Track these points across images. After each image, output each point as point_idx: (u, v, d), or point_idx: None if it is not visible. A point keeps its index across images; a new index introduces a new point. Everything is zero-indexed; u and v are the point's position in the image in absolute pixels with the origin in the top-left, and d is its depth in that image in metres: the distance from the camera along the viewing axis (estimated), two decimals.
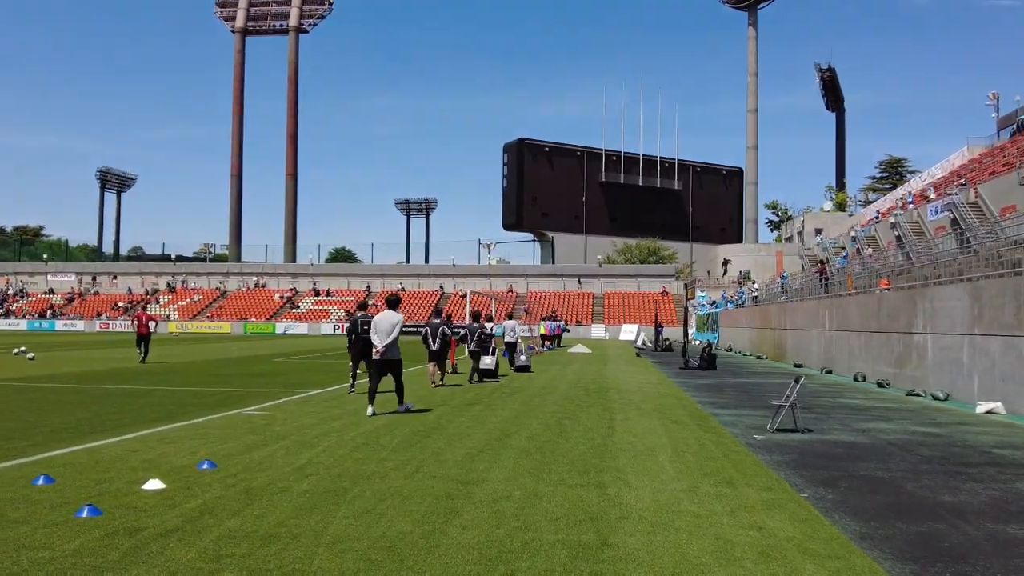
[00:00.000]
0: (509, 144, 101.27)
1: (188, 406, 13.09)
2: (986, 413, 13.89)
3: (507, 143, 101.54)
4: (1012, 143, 51.88)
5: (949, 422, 12.76)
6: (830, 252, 51.89)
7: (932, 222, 39.76)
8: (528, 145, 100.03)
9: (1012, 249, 17.58)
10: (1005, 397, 14.04)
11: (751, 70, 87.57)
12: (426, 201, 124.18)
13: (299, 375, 20.70)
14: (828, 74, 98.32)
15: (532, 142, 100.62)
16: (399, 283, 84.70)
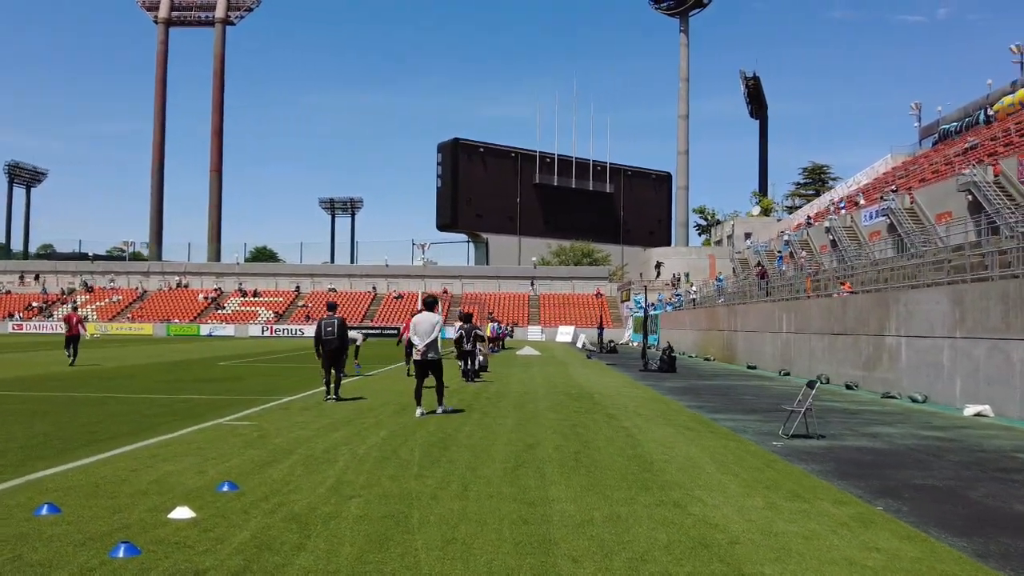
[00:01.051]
0: (443, 144, 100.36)
1: (157, 417, 12.02)
2: (975, 416, 13.93)
3: (441, 143, 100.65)
4: (935, 151, 53.86)
5: (948, 426, 12.71)
6: (762, 256, 52.84)
7: (867, 227, 40.73)
8: (463, 145, 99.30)
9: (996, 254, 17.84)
10: (992, 400, 14.12)
11: (682, 76, 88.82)
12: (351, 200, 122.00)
13: (258, 380, 19.59)
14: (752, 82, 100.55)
15: (467, 142, 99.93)
16: (330, 283, 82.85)
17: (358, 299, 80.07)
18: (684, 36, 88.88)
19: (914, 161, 54.26)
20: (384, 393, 16.32)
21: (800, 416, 11.33)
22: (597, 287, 78.08)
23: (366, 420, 11.83)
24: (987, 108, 51.67)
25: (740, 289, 44.66)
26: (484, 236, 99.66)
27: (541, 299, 77.07)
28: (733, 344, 32.99)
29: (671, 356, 26.00)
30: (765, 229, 69.03)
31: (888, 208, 37.31)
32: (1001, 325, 13.99)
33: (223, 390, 16.73)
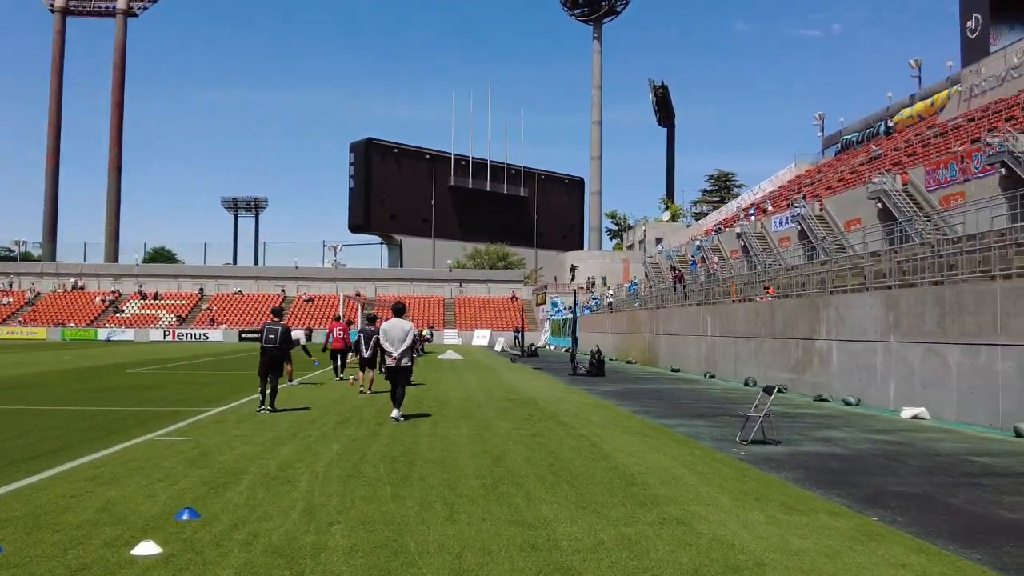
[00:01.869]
0: (356, 144, 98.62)
1: (80, 432, 11.00)
2: (913, 419, 14.24)
3: (354, 142, 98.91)
4: (839, 160, 56.00)
5: (892, 429, 12.90)
6: (674, 260, 53.75)
7: (777, 233, 41.78)
8: (376, 145, 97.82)
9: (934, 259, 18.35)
10: (928, 403, 14.46)
11: (595, 83, 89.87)
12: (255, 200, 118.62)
13: (176, 389, 18.44)
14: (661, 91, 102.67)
15: (380, 143, 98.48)
16: (235, 286, 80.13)
17: (266, 302, 77.64)
18: (597, 43, 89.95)
19: (818, 169, 56.18)
20: (320, 403, 15.57)
21: (758, 423, 11.26)
22: (513, 290, 78.12)
23: (310, 433, 11.13)
24: (887, 120, 54.05)
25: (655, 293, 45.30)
26: (398, 238, 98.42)
27: (457, 302, 76.52)
28: (655, 347, 33.28)
29: (600, 360, 25.96)
30: (676, 234, 70.33)
31: (799, 215, 38.28)
32: (937, 329, 14.35)
33: (143, 400, 15.61)
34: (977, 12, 42.03)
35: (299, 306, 76.67)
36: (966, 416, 13.43)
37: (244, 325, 71.97)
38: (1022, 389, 12.20)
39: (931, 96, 49.71)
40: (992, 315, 12.88)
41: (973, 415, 13.25)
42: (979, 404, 13.14)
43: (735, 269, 40.15)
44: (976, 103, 39.73)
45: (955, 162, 28.39)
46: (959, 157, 28.21)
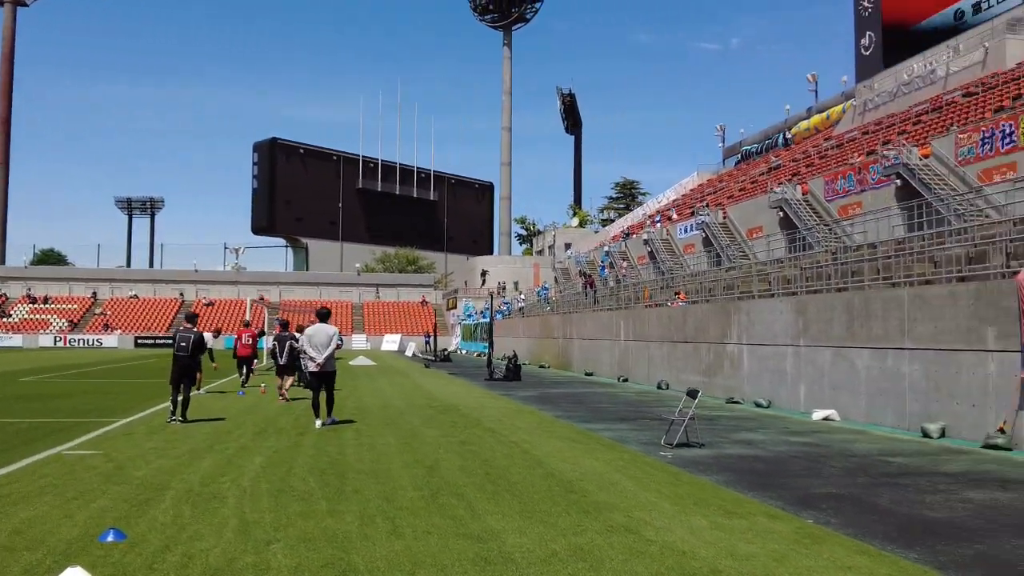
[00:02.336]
0: (260, 143, 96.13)
1: None
2: (823, 420, 14.75)
3: (258, 142, 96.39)
4: (739, 170, 57.90)
5: (806, 431, 13.31)
6: (583, 266, 54.47)
7: (683, 240, 42.78)
8: (281, 146, 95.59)
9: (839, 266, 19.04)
10: (837, 405, 15.01)
11: (505, 88, 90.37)
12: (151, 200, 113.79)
13: (78, 400, 17.44)
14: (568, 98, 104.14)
15: (285, 143, 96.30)
16: (131, 289, 76.75)
17: (163, 306, 74.76)
18: (507, 49, 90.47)
19: (720, 179, 57.96)
20: (232, 412, 14.99)
21: (683, 426, 11.42)
22: (423, 295, 77.57)
23: (228, 445, 10.67)
24: (785, 131, 56.25)
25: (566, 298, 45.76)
26: (304, 241, 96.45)
27: (366, 307, 75.45)
28: (569, 352, 33.58)
29: (516, 365, 25.99)
30: (584, 240, 71.29)
31: (703, 222, 39.31)
32: (846, 334, 14.92)
33: (43, 411, 14.68)
34: (871, 31, 44.20)
35: (198, 310, 74.05)
36: (874, 417, 14.00)
37: (141, 331, 69.04)
38: (927, 391, 12.79)
39: (827, 109, 52.02)
40: (899, 320, 13.47)
41: (881, 416, 13.82)
42: (887, 406, 13.72)
43: (643, 275, 40.99)
44: (870, 117, 41.77)
45: (853, 173, 29.67)
46: (856, 168, 29.51)
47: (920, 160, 25.69)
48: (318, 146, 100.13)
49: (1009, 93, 29.89)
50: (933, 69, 38.26)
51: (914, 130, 33.36)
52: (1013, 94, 29.26)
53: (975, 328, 11.88)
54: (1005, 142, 22.98)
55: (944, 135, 26.84)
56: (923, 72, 39.02)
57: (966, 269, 14.69)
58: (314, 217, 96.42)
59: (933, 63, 38.95)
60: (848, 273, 18.32)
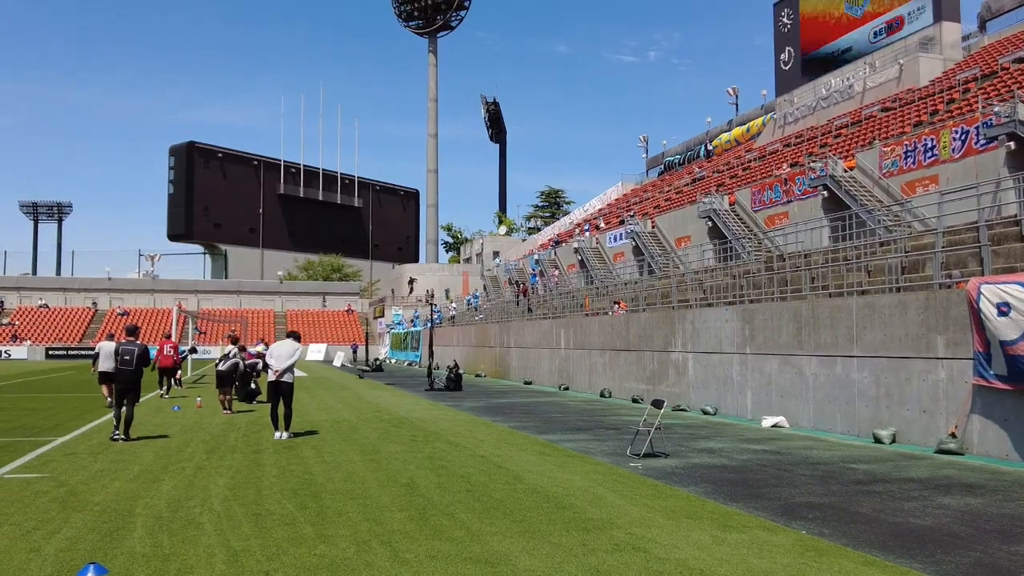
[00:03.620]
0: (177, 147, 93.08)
1: None
2: (773, 427, 14.99)
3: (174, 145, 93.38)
4: (662, 180, 59.00)
5: (761, 438, 13.49)
6: (512, 274, 54.54)
7: (612, 248, 43.30)
8: (199, 149, 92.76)
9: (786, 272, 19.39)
10: (785, 411, 15.28)
11: (431, 95, 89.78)
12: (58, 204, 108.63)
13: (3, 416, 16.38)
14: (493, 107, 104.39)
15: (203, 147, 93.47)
16: (40, 298, 73.11)
17: (75, 316, 71.47)
18: (433, 56, 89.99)
19: (644, 189, 58.93)
20: (175, 429, 14.31)
21: (649, 436, 11.41)
22: (348, 303, 76.30)
23: (184, 464, 10.13)
24: (707, 143, 57.61)
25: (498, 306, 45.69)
26: (223, 248, 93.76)
27: (289, 316, 73.73)
28: (506, 360, 33.44)
29: (457, 374, 25.71)
30: (512, 248, 71.36)
31: (632, 231, 39.84)
32: (793, 342, 15.21)
33: None
34: (790, 46, 45.64)
35: (112, 320, 71.05)
36: (824, 424, 14.30)
37: (52, 341, 65.84)
38: (877, 398, 13.13)
39: (748, 122, 53.49)
40: (848, 328, 13.81)
41: (831, 423, 14.13)
42: (836, 412, 14.03)
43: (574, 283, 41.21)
44: (790, 129, 43.11)
45: (779, 185, 30.52)
46: (783, 180, 30.37)
47: (845, 172, 26.59)
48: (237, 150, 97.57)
49: (926, 108, 31.27)
50: (851, 84, 39.76)
51: (835, 143, 34.57)
52: (930, 109, 30.62)
53: (924, 336, 12.24)
54: (927, 155, 23.98)
55: (868, 148, 27.87)
56: (841, 87, 40.51)
57: (902, 279, 15.18)
58: (233, 223, 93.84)
59: (851, 78, 40.49)
60: (784, 281, 18.75)
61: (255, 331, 66.10)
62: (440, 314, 52.25)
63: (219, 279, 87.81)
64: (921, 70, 36.32)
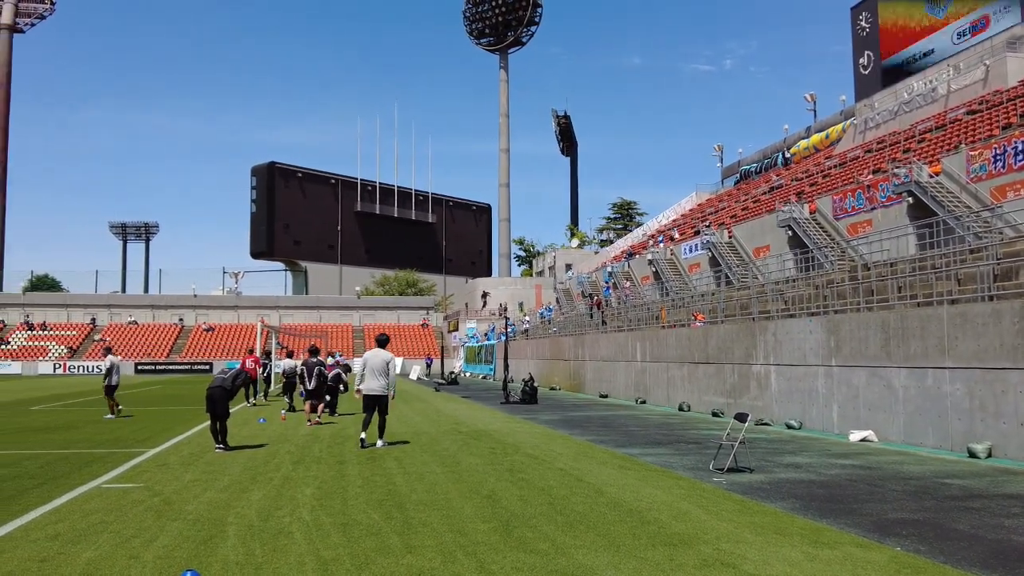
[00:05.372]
0: (258, 167, 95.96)
1: (11, 481, 9.91)
2: (861, 441, 14.51)
3: (256, 166, 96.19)
4: (738, 190, 57.96)
5: (849, 452, 13.07)
6: (585, 286, 54.32)
7: (687, 259, 42.70)
8: (279, 169, 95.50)
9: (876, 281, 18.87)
10: (873, 425, 14.77)
11: (502, 111, 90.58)
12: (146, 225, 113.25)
13: (98, 428, 17.09)
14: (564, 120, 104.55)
15: (283, 167, 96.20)
16: (130, 315, 76.24)
17: (162, 332, 74.19)
18: (504, 72, 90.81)
19: (719, 199, 58.01)
20: (258, 441, 14.68)
21: (732, 451, 11.18)
22: (423, 317, 77.26)
23: (271, 474, 10.38)
24: (785, 151, 56.43)
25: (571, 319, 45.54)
26: (303, 265, 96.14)
27: (366, 330, 75.04)
28: (581, 373, 33.30)
29: (533, 387, 25.71)
30: (585, 261, 71.18)
31: (709, 242, 39.22)
32: (881, 353, 14.71)
33: (65, 442, 14.33)
34: (869, 50, 44.43)
35: (198, 336, 73.55)
36: (914, 438, 13.76)
37: (140, 357, 68.55)
38: (971, 411, 12.57)
39: (826, 128, 52.19)
40: (938, 339, 13.28)
41: (921, 436, 13.58)
42: (927, 426, 13.49)
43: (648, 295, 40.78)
44: (871, 135, 41.87)
45: (862, 191, 29.64)
46: (865, 187, 29.48)
47: (931, 177, 25.65)
48: (316, 169, 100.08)
49: (1015, 110, 29.96)
50: (934, 87, 38.41)
51: (919, 148, 33.41)
52: (1020, 111, 29.32)
53: (1021, 346, 11.68)
54: (1018, 159, 22.95)
55: (954, 152, 26.84)
56: (924, 90, 39.17)
57: (995, 287, 14.54)
58: (313, 241, 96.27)
59: (933, 81, 39.14)
60: (870, 291, 18.18)
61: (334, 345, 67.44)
62: (514, 327, 52.44)
63: (299, 295, 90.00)
64: (1009, 70, 34.84)
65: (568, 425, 17.86)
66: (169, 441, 14.54)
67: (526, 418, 19.70)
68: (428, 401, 26.65)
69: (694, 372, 22.68)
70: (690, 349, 23.01)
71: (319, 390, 17.81)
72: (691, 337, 23.18)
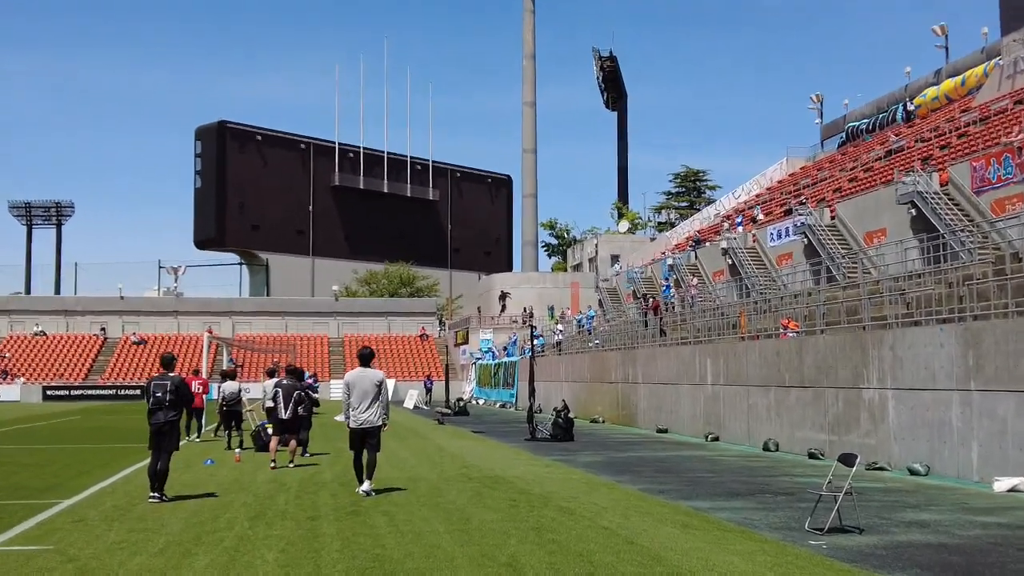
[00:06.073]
0: (204, 128, 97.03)
1: None
2: (1010, 492, 14.39)
3: (202, 127, 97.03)
4: (843, 154, 57.72)
5: (992, 506, 12.98)
6: (639, 284, 54.34)
7: (774, 248, 42.58)
8: (232, 131, 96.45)
9: None
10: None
11: (527, 51, 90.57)
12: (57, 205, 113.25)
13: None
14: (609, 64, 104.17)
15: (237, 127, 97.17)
16: (36, 323, 77.18)
17: (79, 345, 75.01)
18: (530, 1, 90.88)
19: (818, 166, 57.84)
20: (213, 487, 14.82)
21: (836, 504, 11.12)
22: (422, 326, 77.62)
23: (221, 534, 10.48)
24: (907, 102, 56.11)
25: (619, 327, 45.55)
26: (263, 257, 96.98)
27: (346, 342, 75.55)
28: (631, 401, 33.32)
29: (568, 419, 25.78)
30: (638, 250, 71.22)
31: (805, 224, 39.04)
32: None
33: None
34: None
35: (125, 351, 74.32)
36: None
37: (50, 379, 69.46)
38: None
39: (962, 72, 51.83)
40: None
41: None
42: None
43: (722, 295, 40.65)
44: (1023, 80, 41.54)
45: (1010, 156, 29.37)
46: (1016, 150, 29.22)
47: None
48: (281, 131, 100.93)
49: None
50: None
51: None
52: None
53: None
54: None
55: None
56: None
57: None
58: (276, 225, 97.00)
59: None
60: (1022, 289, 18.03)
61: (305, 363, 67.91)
62: (542, 339, 52.55)
63: (259, 296, 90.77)
64: None
65: (615, 469, 17.95)
66: (88, 489, 14.71)
67: (559, 460, 19.81)
68: (428, 437, 26.76)
69: (784, 399, 22.63)
70: (778, 368, 22.96)
71: (295, 422, 17.96)
72: (780, 352, 23.13)
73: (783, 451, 22.01)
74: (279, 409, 17.85)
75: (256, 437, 22.03)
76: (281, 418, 17.85)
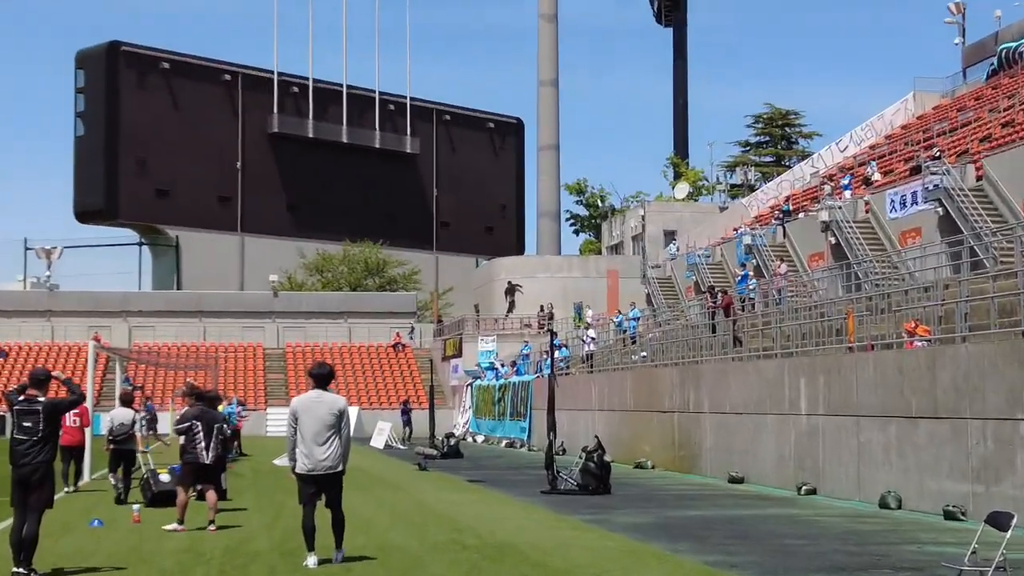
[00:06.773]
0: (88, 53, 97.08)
1: None
2: None
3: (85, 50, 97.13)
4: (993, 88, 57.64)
5: None
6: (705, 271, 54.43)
7: (896, 220, 42.51)
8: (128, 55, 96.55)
9: None
10: None
11: None
12: None
13: None
14: None
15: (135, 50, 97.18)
16: None
17: None
18: None
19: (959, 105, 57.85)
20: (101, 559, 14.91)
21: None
22: (397, 332, 77.69)
23: None
24: None
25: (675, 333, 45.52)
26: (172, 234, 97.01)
27: (289, 354, 75.73)
28: (692, 437, 33.39)
29: (603, 464, 25.84)
30: (701, 224, 71.19)
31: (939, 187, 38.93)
32: None
33: None
34: None
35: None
36: None
37: None
38: None
39: None
40: None
41: None
42: None
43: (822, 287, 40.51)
44: None
45: None
46: None
47: None
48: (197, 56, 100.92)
49: None
50: None
51: None
52: None
53: None
54: None
55: None
56: None
57: None
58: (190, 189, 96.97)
59: None
60: None
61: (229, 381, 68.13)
62: (566, 351, 52.57)
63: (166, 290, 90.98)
64: None
65: (668, 535, 18.03)
66: None
67: (590, 520, 19.94)
68: (405, 488, 26.89)
69: (909, 435, 22.65)
70: (900, 391, 22.98)
71: (218, 467, 18.32)
72: (904, 368, 23.14)
73: (907, 508, 22.01)
74: (199, 450, 17.91)
75: (145, 487, 22.06)
76: (204, 463, 17.94)
